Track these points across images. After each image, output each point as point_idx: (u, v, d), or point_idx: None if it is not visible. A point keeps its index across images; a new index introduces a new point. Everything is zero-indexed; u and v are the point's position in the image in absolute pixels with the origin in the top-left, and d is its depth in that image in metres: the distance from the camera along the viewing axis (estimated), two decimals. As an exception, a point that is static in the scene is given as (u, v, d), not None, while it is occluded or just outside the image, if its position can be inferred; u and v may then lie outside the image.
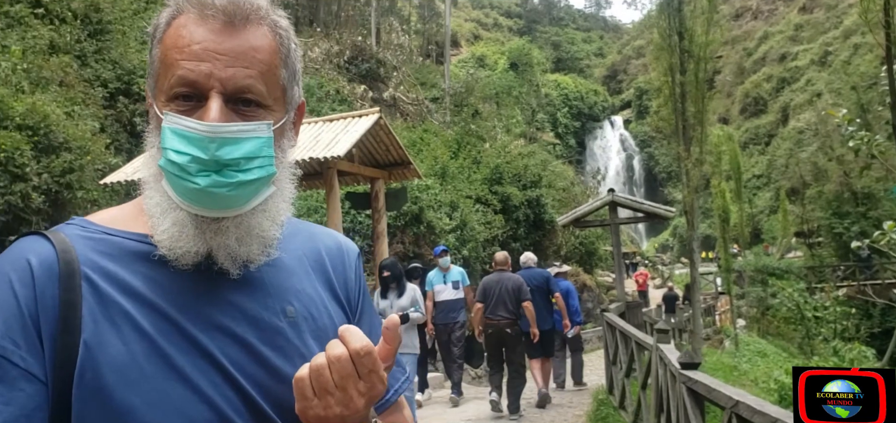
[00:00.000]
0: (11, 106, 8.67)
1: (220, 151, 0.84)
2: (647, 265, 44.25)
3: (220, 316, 0.88)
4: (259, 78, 0.89)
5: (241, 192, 0.86)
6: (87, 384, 0.80)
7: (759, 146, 55.08)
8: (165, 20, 0.91)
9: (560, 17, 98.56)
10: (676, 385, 4.60)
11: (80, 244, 0.87)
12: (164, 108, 0.87)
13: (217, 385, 0.85)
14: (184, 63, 0.86)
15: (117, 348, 0.81)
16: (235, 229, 0.88)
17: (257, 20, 0.90)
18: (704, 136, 11.87)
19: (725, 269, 26.62)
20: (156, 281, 0.87)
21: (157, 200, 0.88)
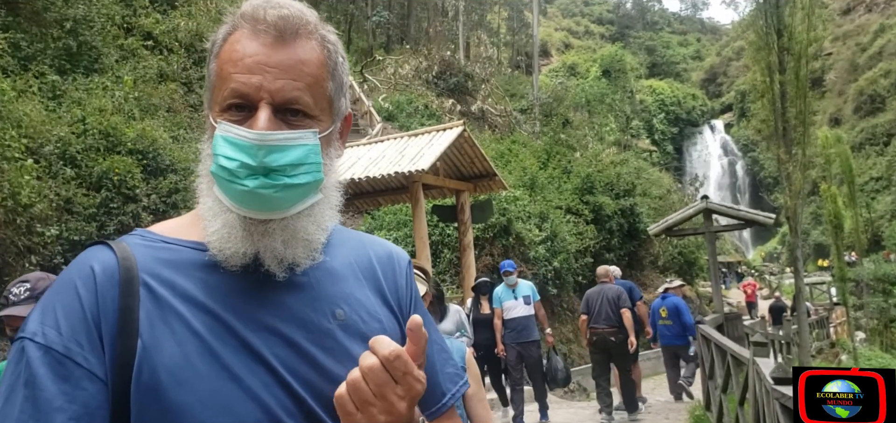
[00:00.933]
0: (124, 132, 9.36)
1: (268, 158, 0.89)
2: (754, 275, 42.05)
3: (270, 318, 0.92)
4: (306, 90, 0.93)
5: (288, 195, 0.91)
6: (144, 383, 0.85)
7: (878, 147, 51.21)
8: (222, 36, 0.97)
9: (654, 21, 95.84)
10: (770, 401, 4.33)
11: (140, 252, 0.92)
12: (219, 118, 0.93)
13: (267, 385, 0.88)
14: (237, 76, 0.92)
15: (172, 349, 0.86)
16: (282, 231, 0.93)
17: (306, 34, 0.96)
18: (807, 137, 11.13)
19: (840, 278, 24.90)
20: (208, 285, 0.91)
21: (209, 205, 0.94)
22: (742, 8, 66.98)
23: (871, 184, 48.37)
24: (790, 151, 10.95)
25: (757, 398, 5.60)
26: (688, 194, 30.73)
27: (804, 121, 10.91)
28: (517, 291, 8.31)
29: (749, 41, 11.91)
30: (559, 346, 17.09)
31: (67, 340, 0.85)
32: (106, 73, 11.51)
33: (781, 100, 10.93)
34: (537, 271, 16.53)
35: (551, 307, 17.83)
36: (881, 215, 44.22)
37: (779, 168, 11.27)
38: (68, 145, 8.79)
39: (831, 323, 26.04)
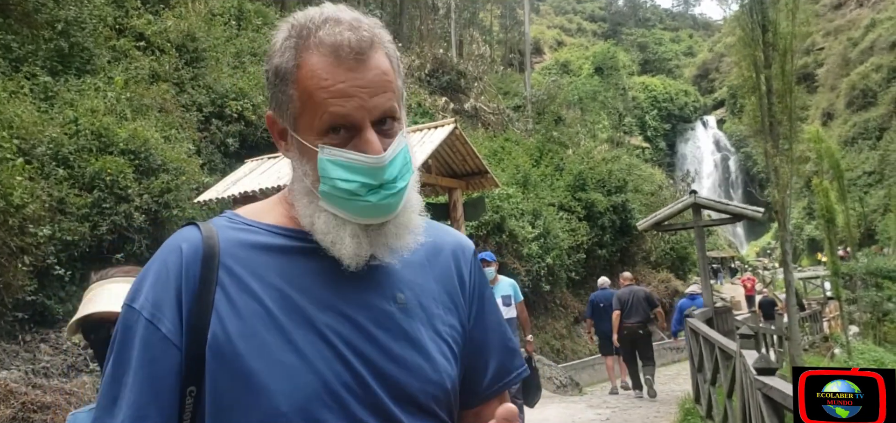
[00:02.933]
0: (116, 133, 9.38)
1: (386, 174, 0.98)
2: (748, 270, 42.24)
3: (335, 299, 1.00)
4: (392, 97, 1.01)
5: (401, 196, 1.01)
6: (216, 348, 0.94)
7: (870, 141, 51.47)
8: (291, 59, 1.00)
9: (646, 17, 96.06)
10: (754, 392, 4.40)
11: (224, 233, 1.03)
12: (317, 141, 0.99)
13: (327, 359, 0.96)
14: (333, 102, 0.97)
15: (242, 320, 0.96)
16: (394, 228, 1.02)
17: (377, 45, 1.01)
18: (794, 132, 11.21)
19: (833, 272, 25.04)
20: (281, 266, 1.00)
21: (325, 220, 1.01)
22: (729, 2, 67.19)
23: (864, 178, 48.61)
24: (777, 145, 11.04)
25: (744, 389, 5.68)
26: (680, 190, 30.86)
27: (790, 116, 11.00)
28: (496, 290, 7.05)
29: (736, 37, 11.98)
30: (552, 342, 17.18)
31: (154, 307, 0.97)
32: (98, 73, 11.51)
33: (768, 95, 11.02)
34: (530, 267, 16.60)
35: (545, 303, 17.92)
36: (874, 209, 44.43)
37: (766, 163, 11.35)
38: (61, 146, 8.80)
39: (825, 317, 26.18)
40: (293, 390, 0.94)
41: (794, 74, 11.88)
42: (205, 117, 13.25)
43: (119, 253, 8.65)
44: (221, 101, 13.63)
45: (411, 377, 1.00)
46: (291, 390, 0.94)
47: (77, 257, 8.32)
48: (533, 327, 16.84)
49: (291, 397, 0.93)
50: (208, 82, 13.84)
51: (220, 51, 15.57)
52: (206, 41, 14.84)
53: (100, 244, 8.56)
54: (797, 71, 23.84)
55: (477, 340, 1.13)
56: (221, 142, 13.35)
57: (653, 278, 22.44)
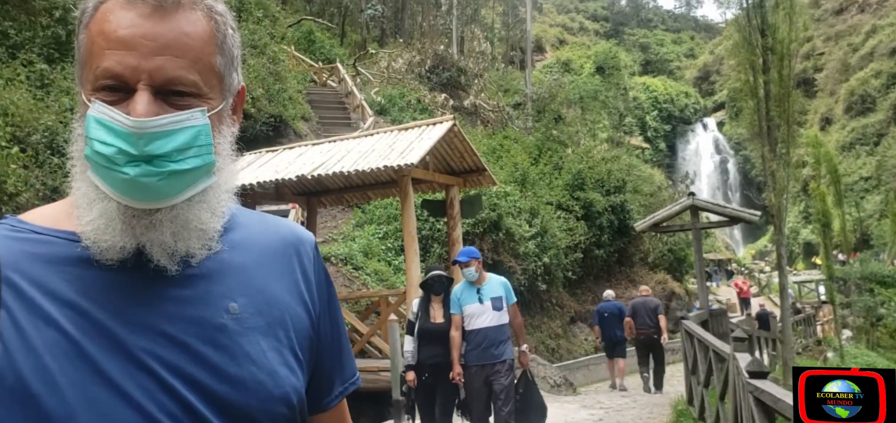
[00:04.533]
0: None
1: (151, 146, 0.80)
2: (744, 273, 42.29)
3: (154, 317, 0.84)
4: (190, 67, 0.85)
5: (175, 182, 0.82)
6: (8, 388, 0.77)
7: (868, 147, 51.54)
8: (93, 4, 0.87)
9: (648, 18, 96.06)
10: (746, 395, 4.40)
11: (6, 245, 0.84)
12: (91, 97, 0.83)
13: (147, 390, 0.81)
14: (109, 53, 0.82)
15: (39, 353, 0.78)
16: (171, 222, 0.84)
17: (190, 5, 0.86)
18: (791, 137, 11.21)
19: (828, 276, 25.10)
20: (84, 282, 0.83)
21: (84, 191, 0.85)
22: (729, 5, 67.24)
23: (861, 183, 48.68)
24: (775, 150, 11.04)
25: (736, 392, 5.69)
26: (678, 191, 30.88)
27: (788, 120, 11.00)
28: (484, 291, 6.03)
29: (734, 41, 11.98)
30: (548, 342, 17.18)
31: None
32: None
33: (766, 100, 11.02)
34: (527, 266, 16.60)
35: (541, 303, 17.92)
36: (870, 214, 44.52)
37: (764, 167, 11.36)
38: (56, 134, 8.77)
39: (819, 321, 26.26)
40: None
41: (793, 79, 11.87)
42: (203, 109, 13.25)
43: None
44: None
45: (250, 397, 0.86)
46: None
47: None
48: (528, 326, 16.92)
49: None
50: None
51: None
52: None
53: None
54: (796, 76, 23.79)
55: (324, 342, 1.00)
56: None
57: (650, 280, 22.44)
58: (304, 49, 25.37)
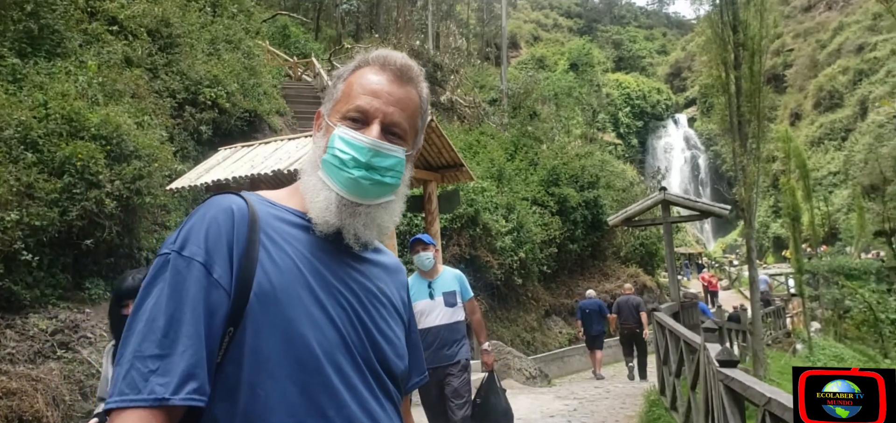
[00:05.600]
0: (87, 118, 9.25)
1: (374, 159, 1.25)
2: (715, 266, 42.97)
3: (344, 274, 1.26)
4: (406, 120, 1.30)
5: (378, 189, 1.26)
6: (264, 296, 1.15)
7: (835, 142, 52.60)
8: (352, 67, 1.35)
9: (621, 15, 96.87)
10: (716, 383, 4.56)
11: (259, 206, 1.25)
12: (338, 122, 1.28)
13: (343, 320, 1.22)
14: (363, 96, 1.28)
15: (283, 275, 1.18)
16: (364, 216, 1.27)
17: (416, 82, 1.35)
18: (761, 132, 11.47)
19: (797, 270, 25.65)
20: (305, 240, 1.25)
21: (313, 183, 1.27)
22: (701, 2, 67.99)
23: (830, 178, 49.66)
24: (745, 145, 11.29)
25: (707, 381, 5.86)
26: (650, 186, 31.29)
27: (758, 116, 11.25)
28: (435, 285, 5.46)
29: (706, 37, 12.20)
30: (523, 335, 17.36)
31: (208, 255, 1.14)
32: (69, 57, 11.31)
33: (737, 95, 11.25)
34: (503, 260, 16.75)
35: (516, 296, 18.09)
36: (838, 208, 45.47)
37: (734, 161, 11.61)
38: (29, 130, 8.65)
39: (788, 314, 26.83)
40: (323, 339, 1.17)
41: (763, 75, 12.12)
42: (178, 104, 13.12)
43: (89, 239, 8.56)
44: (195, 88, 13.50)
45: (391, 349, 1.29)
46: (322, 339, 1.17)
47: (46, 243, 8.22)
48: (504, 320, 17.08)
49: (322, 345, 1.17)
50: (182, 69, 13.68)
51: (195, 37, 15.39)
52: (180, 27, 14.65)
53: (69, 230, 8.46)
54: (767, 72, 24.26)
55: (410, 342, 1.43)
56: (195, 129, 13.23)
57: (622, 273, 22.76)
58: (278, 44, 25.19)
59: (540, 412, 8.85)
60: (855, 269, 30.19)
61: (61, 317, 8.00)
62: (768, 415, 3.43)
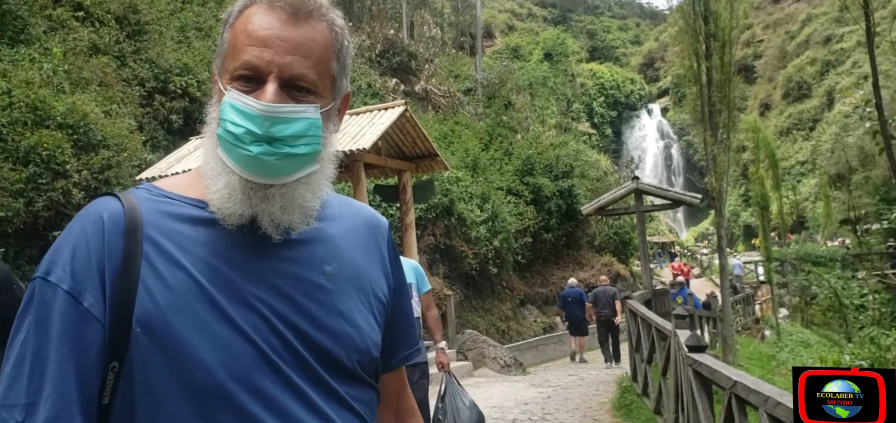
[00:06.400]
0: (53, 106, 9.06)
1: (273, 129, 0.97)
2: (687, 255, 43.59)
3: (266, 273, 1.00)
4: (312, 68, 1.01)
5: (288, 163, 0.99)
6: (149, 322, 0.93)
7: (804, 132, 53.58)
8: (238, 8, 1.04)
9: (595, 5, 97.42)
10: (685, 369, 4.63)
11: (145, 205, 1.01)
12: (228, 85, 1.01)
13: (259, 330, 0.97)
14: (250, 48, 0.99)
15: (174, 293, 0.95)
16: (280, 197, 1.01)
17: (318, 16, 1.03)
18: (731, 122, 11.64)
19: (766, 258, 26.11)
20: (209, 239, 1.00)
21: (213, 165, 1.01)
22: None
23: (798, 168, 50.60)
24: (716, 134, 11.45)
25: (677, 367, 5.95)
26: (624, 176, 31.58)
27: (729, 106, 11.40)
28: None
29: (678, 28, 12.33)
30: (498, 324, 17.45)
31: (75, 280, 0.94)
32: (33, 44, 11.06)
33: (708, 86, 11.39)
34: (478, 250, 16.80)
35: (491, 286, 18.17)
36: (806, 197, 46.37)
37: (705, 151, 11.77)
38: (-10, 118, 8.46)
39: (757, 300, 27.34)
40: (231, 360, 0.94)
41: (734, 66, 12.28)
42: (147, 93, 12.90)
43: (56, 230, 8.39)
44: (165, 76, 13.29)
45: (339, 346, 1.03)
46: (229, 360, 0.94)
47: (11, 234, 8.05)
48: (479, 309, 17.15)
49: (230, 367, 0.94)
50: (151, 57, 13.45)
51: (164, 24, 15.15)
52: (148, 14, 14.40)
53: (35, 221, 8.29)
54: (737, 62, 24.55)
55: (396, 310, 1.18)
56: (165, 118, 13.04)
57: (596, 262, 22.98)
58: (251, 32, 24.83)
59: (514, 401, 8.92)
60: (821, 256, 30.84)
61: (28, 310, 7.84)
62: (734, 397, 3.49)
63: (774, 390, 3.10)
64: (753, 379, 3.40)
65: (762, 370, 13.71)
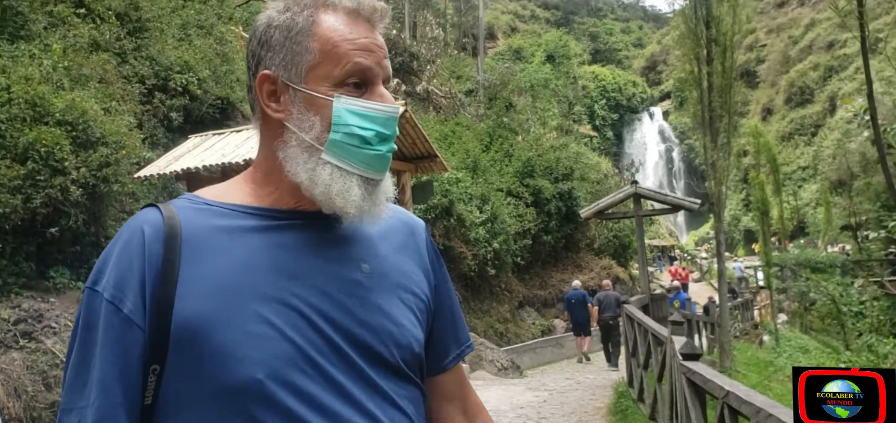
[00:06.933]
0: (52, 102, 9.04)
1: (394, 128, 1.06)
2: (687, 259, 43.55)
3: (302, 271, 1.03)
4: (390, 65, 1.11)
5: (391, 157, 1.08)
6: (186, 326, 0.97)
7: (805, 137, 53.53)
8: (309, 15, 1.06)
9: (598, 8, 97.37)
10: (679, 376, 4.62)
11: (184, 213, 1.05)
12: (333, 91, 1.04)
13: (298, 327, 1.00)
14: (355, 54, 1.04)
15: (210, 298, 0.98)
16: (381, 190, 1.08)
17: (385, 17, 1.11)
18: (731, 127, 11.62)
19: (765, 263, 26.06)
20: (246, 244, 1.03)
21: (329, 171, 1.04)
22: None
23: (799, 173, 50.54)
24: (715, 139, 11.44)
25: (672, 373, 5.93)
26: (625, 179, 31.56)
27: (729, 111, 11.38)
28: None
29: (680, 32, 12.30)
30: (496, 326, 17.45)
31: (116, 289, 0.99)
32: (33, 40, 11.04)
33: (708, 90, 11.37)
34: (477, 251, 16.79)
35: (490, 287, 18.16)
36: (807, 202, 46.31)
37: (705, 156, 11.76)
38: (-12, 115, 8.44)
39: (756, 305, 27.31)
40: (266, 357, 0.97)
41: (735, 71, 12.24)
42: (148, 90, 12.88)
43: (54, 227, 8.39)
44: (165, 73, 13.27)
45: (380, 341, 1.05)
46: (265, 357, 0.97)
47: (8, 231, 8.04)
48: (477, 311, 17.14)
49: (265, 364, 0.97)
50: (152, 54, 13.44)
51: (165, 22, 15.12)
52: (149, 11, 14.38)
53: (33, 218, 8.28)
54: (740, 67, 24.47)
55: (441, 308, 1.21)
56: (165, 116, 13.02)
57: (595, 265, 22.96)
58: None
59: (510, 404, 8.90)
60: (821, 262, 30.81)
61: (24, 306, 7.84)
62: (726, 407, 3.48)
63: (767, 401, 3.09)
64: (746, 390, 3.38)
65: (759, 375, 13.68)
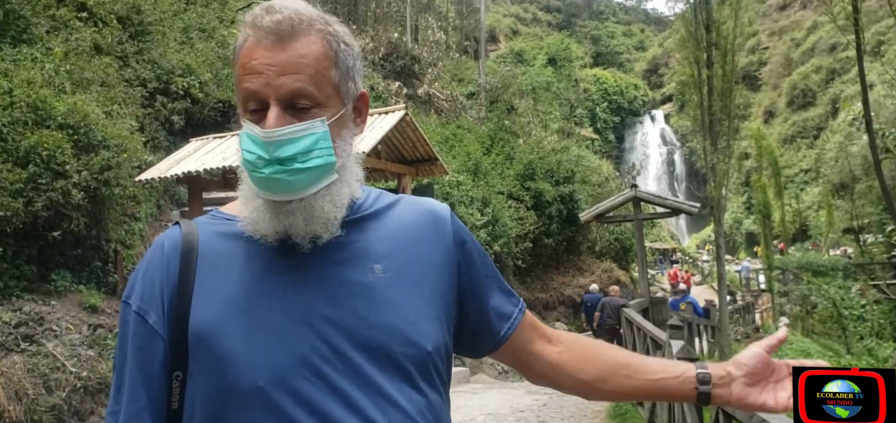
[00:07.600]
0: (54, 106, 9.08)
1: (278, 151, 1.03)
2: (689, 261, 43.47)
3: (311, 279, 1.07)
4: (308, 81, 1.05)
5: (301, 178, 1.04)
6: (199, 335, 1.04)
7: (808, 140, 53.40)
8: (238, 46, 1.10)
9: (600, 11, 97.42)
10: (676, 380, 4.63)
11: (203, 228, 1.13)
12: (244, 117, 1.08)
13: (302, 335, 1.03)
14: (246, 78, 1.05)
15: (221, 308, 1.05)
16: (302, 211, 1.06)
17: (305, 31, 1.06)
18: (731, 130, 11.63)
19: (767, 266, 26.09)
20: (258, 254, 1.08)
21: (245, 191, 1.10)
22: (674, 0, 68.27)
23: (801, 176, 50.43)
24: (715, 143, 11.44)
25: (671, 377, 5.93)
26: (626, 182, 31.56)
27: (729, 114, 11.39)
28: None
29: (681, 36, 12.32)
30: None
31: (141, 301, 1.08)
32: (35, 44, 11.10)
33: (709, 94, 11.38)
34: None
35: (491, 290, 18.18)
36: (809, 205, 46.23)
37: (705, 159, 11.76)
38: (-8, 118, 8.49)
39: (758, 309, 27.28)
40: (269, 365, 1.01)
41: (736, 74, 12.24)
42: (149, 93, 12.94)
43: (55, 231, 8.43)
44: (167, 77, 13.32)
45: (391, 340, 1.05)
46: (268, 365, 1.01)
47: (10, 234, 8.08)
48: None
49: (268, 371, 1.01)
50: (154, 57, 13.50)
51: (167, 25, 15.19)
52: (152, 14, 14.45)
53: (35, 221, 8.32)
54: (742, 69, 24.44)
55: (476, 285, 1.20)
56: (166, 119, 13.07)
57: (597, 268, 22.95)
58: (255, 33, 24.88)
59: (510, 407, 8.91)
60: (823, 265, 30.77)
61: (26, 309, 7.87)
62: (721, 412, 3.49)
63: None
64: (740, 393, 3.39)
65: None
